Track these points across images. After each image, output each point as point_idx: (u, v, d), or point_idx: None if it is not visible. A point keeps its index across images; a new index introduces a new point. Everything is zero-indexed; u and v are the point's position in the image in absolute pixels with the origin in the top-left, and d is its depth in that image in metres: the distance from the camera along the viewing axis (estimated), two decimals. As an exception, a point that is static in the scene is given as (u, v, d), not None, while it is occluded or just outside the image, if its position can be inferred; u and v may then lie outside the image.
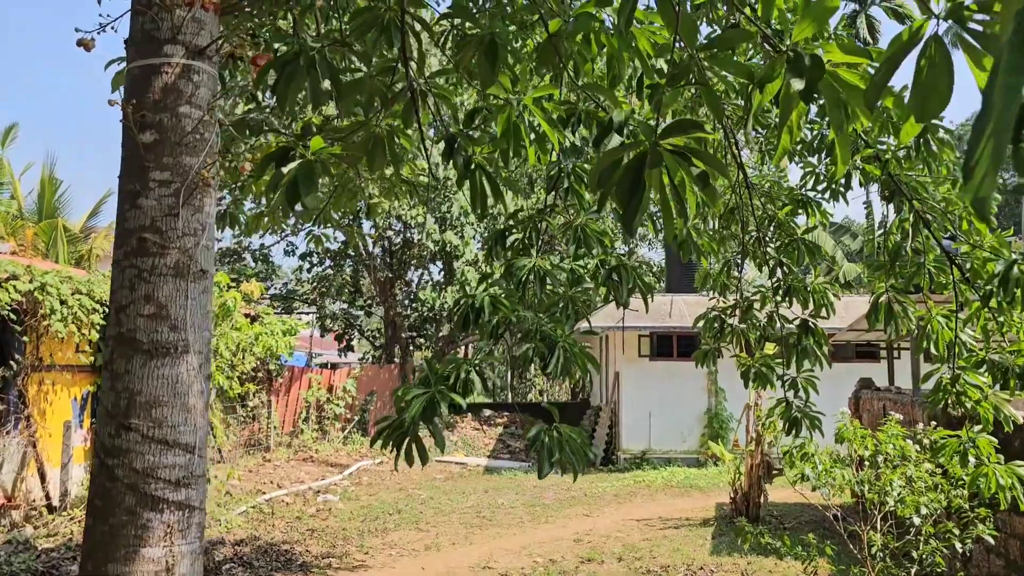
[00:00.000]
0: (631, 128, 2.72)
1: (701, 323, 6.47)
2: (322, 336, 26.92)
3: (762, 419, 11.71)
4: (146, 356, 3.34)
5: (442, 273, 24.29)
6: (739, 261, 6.49)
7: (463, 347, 26.60)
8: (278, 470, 15.51)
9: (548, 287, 3.81)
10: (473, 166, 3.04)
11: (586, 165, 4.06)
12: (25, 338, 10.68)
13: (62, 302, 10.71)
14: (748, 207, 6.89)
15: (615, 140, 2.52)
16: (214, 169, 3.52)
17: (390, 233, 23.13)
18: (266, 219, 5.91)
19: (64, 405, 11.59)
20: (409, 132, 3.27)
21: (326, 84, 2.63)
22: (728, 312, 6.35)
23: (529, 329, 3.69)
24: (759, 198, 6.34)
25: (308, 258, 24.62)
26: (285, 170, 2.46)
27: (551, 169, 4.08)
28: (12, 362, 10.64)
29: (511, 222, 4.13)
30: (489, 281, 3.82)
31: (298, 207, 2.64)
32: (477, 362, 3.52)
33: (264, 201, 5.85)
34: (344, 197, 6.21)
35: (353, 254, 23.98)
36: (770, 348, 6.82)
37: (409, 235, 23.21)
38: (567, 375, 3.76)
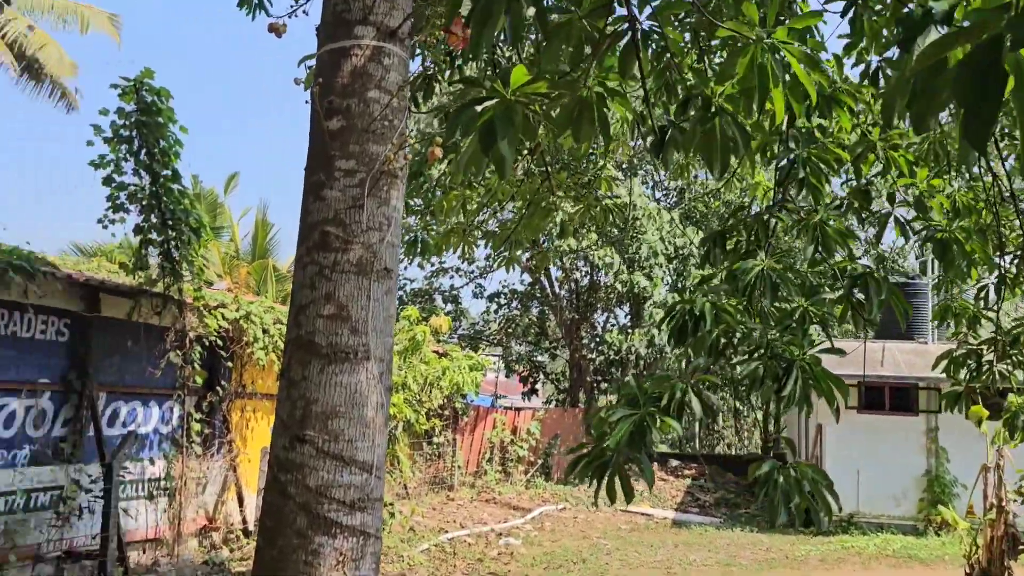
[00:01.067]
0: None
1: (944, 363, 5.44)
2: (507, 377, 26.95)
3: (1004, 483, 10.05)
4: (324, 361, 3.03)
5: (628, 316, 23.62)
6: (998, 287, 5.42)
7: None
8: (461, 509, 15.34)
9: (780, 294, 3.15)
10: (713, 109, 2.48)
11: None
12: (230, 364, 11.16)
13: (264, 331, 11.11)
14: (1007, 222, 5.85)
15: (933, 35, 1.87)
16: (402, 158, 3.20)
17: (577, 275, 22.85)
18: (452, 239, 5.64)
19: (263, 432, 12.00)
20: (621, 91, 2.77)
21: (530, 12, 2.20)
22: (985, 349, 5.30)
23: (758, 345, 3.04)
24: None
25: (496, 299, 24.80)
26: (479, 108, 2.03)
27: (780, 159, 3.45)
28: (219, 388, 11.14)
29: (731, 220, 3.52)
30: (707, 287, 3.22)
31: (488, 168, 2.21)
32: (693, 381, 2.92)
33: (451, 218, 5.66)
34: (537, 217, 5.84)
35: (539, 296, 23.89)
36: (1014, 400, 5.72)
37: (596, 277, 22.81)
38: (805, 402, 3.07)
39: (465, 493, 17.16)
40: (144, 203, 9.38)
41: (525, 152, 6.14)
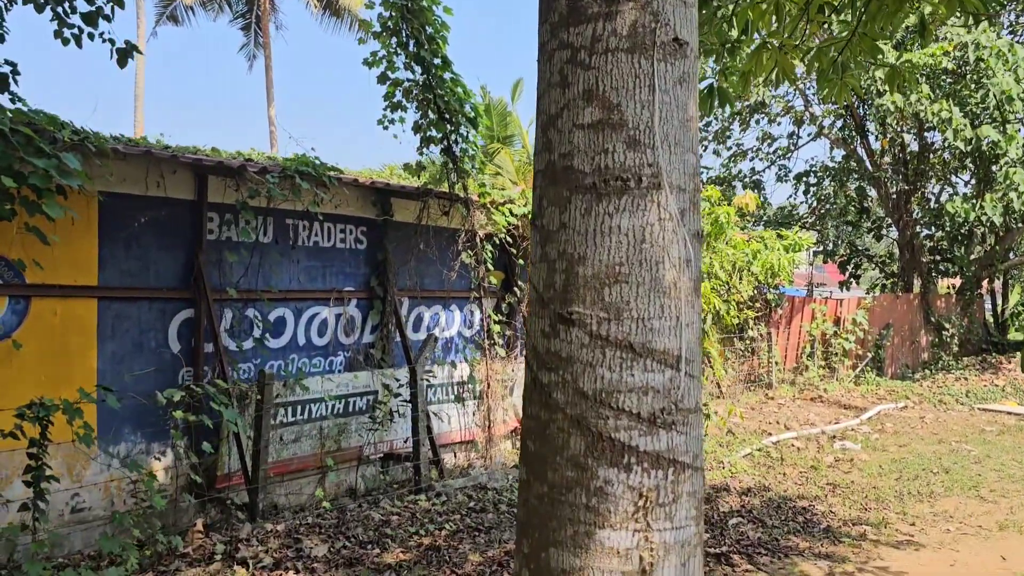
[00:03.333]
0: None
1: None
2: (824, 262, 24.28)
3: None
4: (590, 196, 1.94)
5: (970, 184, 19.83)
6: None
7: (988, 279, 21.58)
8: (783, 409, 13.86)
9: None
10: None
11: None
12: (523, 263, 10.65)
13: (554, 225, 10.39)
14: None
15: None
16: None
17: (904, 139, 19.49)
18: (764, 58, 4.17)
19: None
20: None
21: None
22: None
23: None
24: None
25: (805, 178, 22.15)
26: None
27: None
28: (516, 288, 10.72)
29: None
30: None
31: None
32: None
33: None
34: (881, 16, 4.15)
35: (857, 168, 20.84)
36: None
37: (930, 139, 19.29)
38: None
39: (785, 391, 15.57)
40: (419, 98, 8.93)
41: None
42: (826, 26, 6.33)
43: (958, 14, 4.33)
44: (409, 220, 9.50)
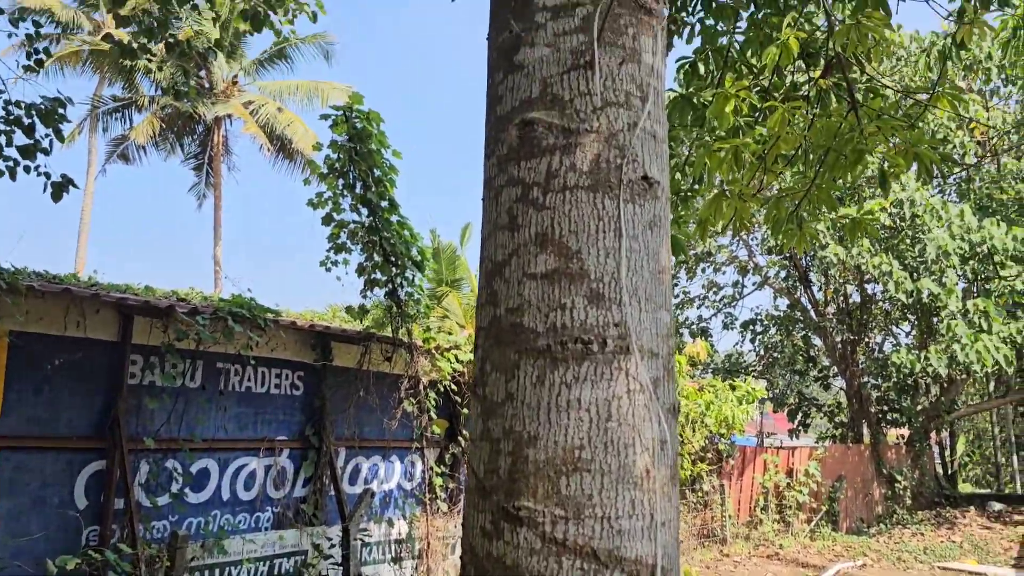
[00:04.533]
0: None
1: None
2: (774, 411, 24.19)
3: None
4: (543, 361, 1.58)
5: (911, 334, 20.22)
6: None
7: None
8: (740, 568, 13.20)
9: None
10: None
11: None
12: (465, 411, 10.18)
13: (501, 372, 10.03)
14: None
15: None
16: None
17: (847, 289, 19.95)
18: (723, 205, 3.99)
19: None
20: None
21: None
22: None
23: None
24: None
25: (751, 326, 22.38)
26: None
27: None
28: (460, 437, 10.19)
29: None
30: None
31: None
32: None
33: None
34: (839, 167, 4.06)
35: (802, 318, 21.16)
36: None
37: (870, 289, 19.78)
38: None
39: (740, 547, 14.93)
40: (365, 240, 8.70)
41: (817, 71, 4.43)
42: (782, 175, 6.34)
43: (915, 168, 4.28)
44: (350, 365, 9.05)
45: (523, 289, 1.63)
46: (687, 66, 5.29)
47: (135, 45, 8.07)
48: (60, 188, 7.34)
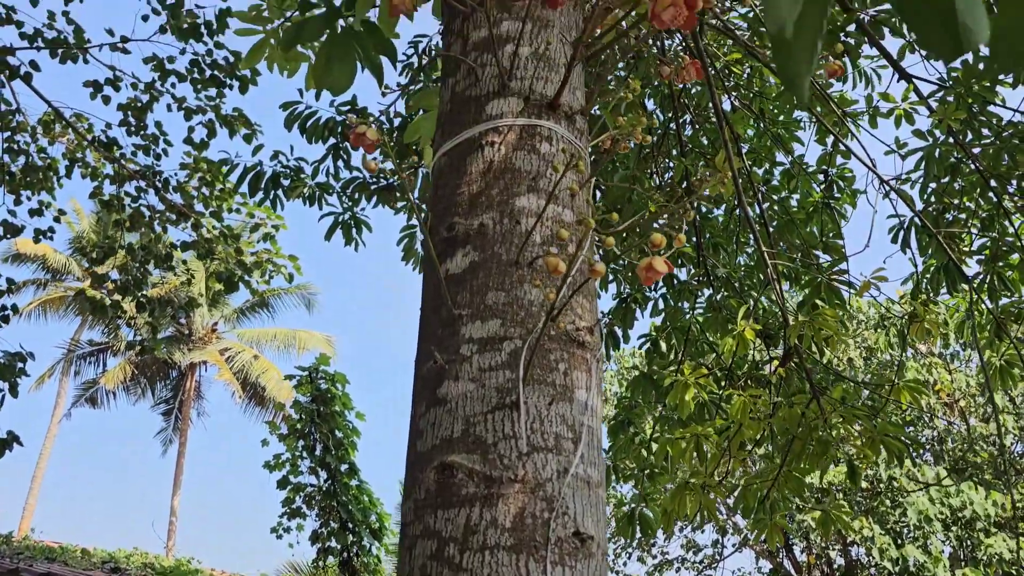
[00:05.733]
0: None
1: None
2: None
3: None
4: None
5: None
6: None
7: None
8: None
9: None
10: None
11: None
12: None
13: None
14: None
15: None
16: (592, 310, 1.65)
17: (830, 554, 19.11)
18: (688, 499, 3.77)
19: None
20: None
21: None
22: None
23: None
24: None
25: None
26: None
27: None
28: None
29: None
30: None
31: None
32: None
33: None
34: (805, 458, 3.94)
35: (787, 585, 20.05)
36: None
37: (854, 553, 18.98)
38: None
39: None
40: (322, 504, 8.25)
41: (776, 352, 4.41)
42: (750, 462, 6.18)
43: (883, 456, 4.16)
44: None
45: None
46: (649, 344, 5.32)
47: (107, 303, 8.15)
48: (4, 445, 7.06)
